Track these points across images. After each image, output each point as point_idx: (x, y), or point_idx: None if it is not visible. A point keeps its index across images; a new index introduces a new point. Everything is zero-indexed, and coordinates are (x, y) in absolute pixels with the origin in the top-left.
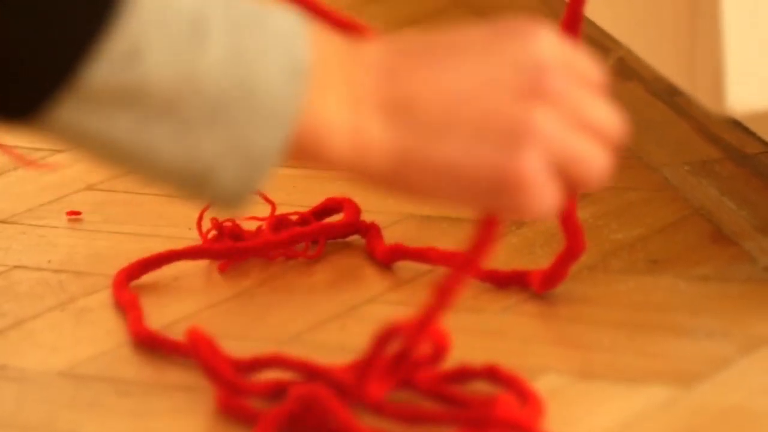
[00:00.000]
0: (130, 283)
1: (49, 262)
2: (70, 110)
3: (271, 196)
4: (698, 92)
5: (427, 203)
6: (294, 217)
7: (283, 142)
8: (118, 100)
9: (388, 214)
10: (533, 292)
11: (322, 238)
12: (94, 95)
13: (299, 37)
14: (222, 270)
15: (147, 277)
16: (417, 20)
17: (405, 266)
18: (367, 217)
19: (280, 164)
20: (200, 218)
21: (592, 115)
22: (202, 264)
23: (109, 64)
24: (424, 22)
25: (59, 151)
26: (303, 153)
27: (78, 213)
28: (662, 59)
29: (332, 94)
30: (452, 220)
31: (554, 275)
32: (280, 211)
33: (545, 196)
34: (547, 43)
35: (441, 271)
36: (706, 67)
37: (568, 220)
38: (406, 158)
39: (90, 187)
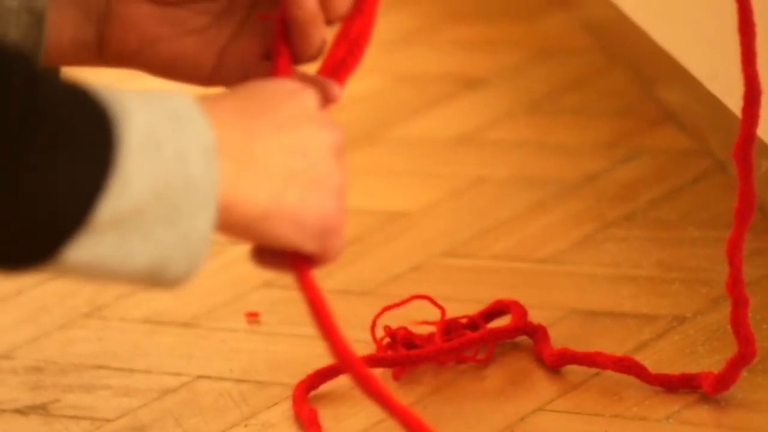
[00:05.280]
0: (308, 394)
1: (231, 370)
2: (75, 247)
3: (440, 290)
4: None
5: (274, 244)
6: (463, 320)
7: (212, 220)
8: (109, 228)
9: (553, 309)
10: (700, 395)
11: (491, 342)
12: (96, 230)
13: (201, 117)
14: (396, 377)
15: (324, 386)
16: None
17: (573, 369)
18: (532, 312)
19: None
20: (373, 325)
21: None
22: (377, 370)
23: (110, 200)
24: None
25: (234, 244)
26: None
27: (256, 314)
28: None
29: (225, 161)
30: (615, 316)
31: (726, 379)
32: (448, 305)
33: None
34: (316, 101)
35: (608, 374)
36: None
37: (739, 325)
38: (271, 205)
39: (266, 284)
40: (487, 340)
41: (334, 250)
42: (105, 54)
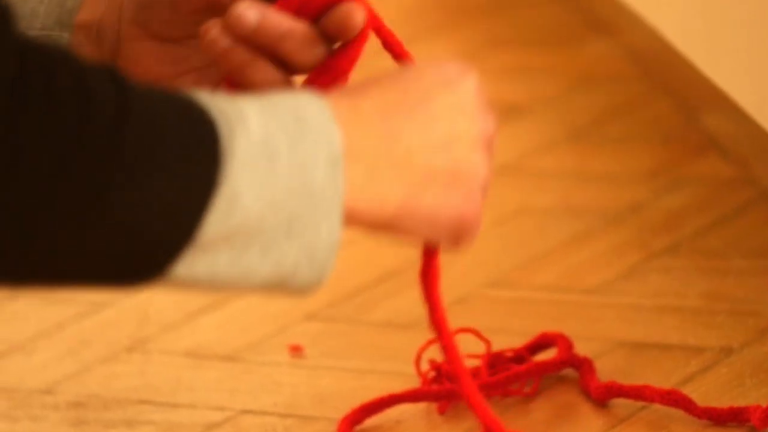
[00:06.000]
0: (353, 429)
1: (275, 405)
2: (184, 263)
3: (484, 322)
4: None
5: (409, 243)
6: (509, 354)
7: (339, 230)
8: (221, 243)
9: (598, 341)
10: (749, 428)
11: (537, 375)
12: (205, 245)
13: (330, 123)
14: (441, 411)
15: (369, 420)
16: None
17: (620, 402)
18: (578, 344)
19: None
20: (418, 358)
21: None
22: (422, 404)
23: (217, 215)
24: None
25: None
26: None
27: (299, 348)
28: None
29: (355, 167)
30: (662, 348)
31: None
32: (492, 337)
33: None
34: (475, 88)
35: (656, 407)
36: None
37: None
38: (404, 207)
39: (309, 317)
40: (533, 374)
41: (465, 243)
42: None
